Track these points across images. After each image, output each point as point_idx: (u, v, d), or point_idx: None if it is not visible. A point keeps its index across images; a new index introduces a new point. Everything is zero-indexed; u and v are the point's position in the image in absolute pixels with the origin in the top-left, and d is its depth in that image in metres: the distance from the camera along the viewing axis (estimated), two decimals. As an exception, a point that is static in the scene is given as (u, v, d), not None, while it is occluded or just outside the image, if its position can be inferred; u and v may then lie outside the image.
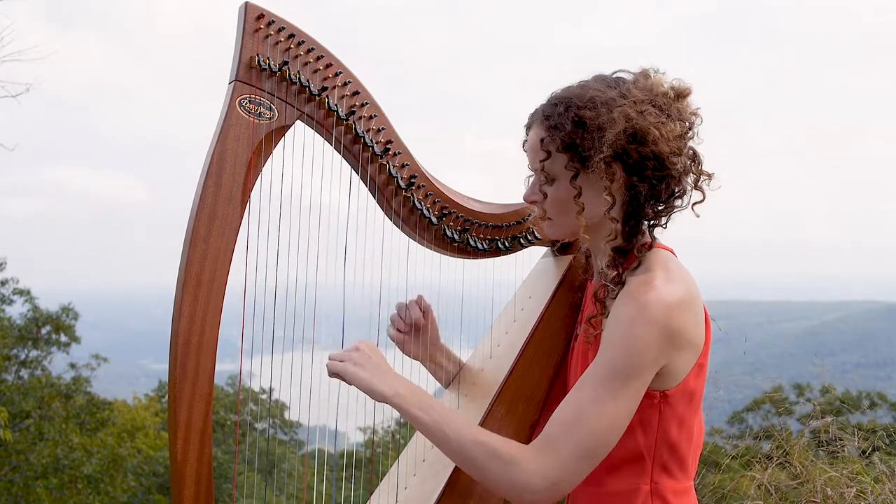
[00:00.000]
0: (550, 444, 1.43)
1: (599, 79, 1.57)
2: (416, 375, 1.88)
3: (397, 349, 1.91)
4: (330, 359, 1.57)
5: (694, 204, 1.55)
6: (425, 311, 1.92)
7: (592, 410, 1.42)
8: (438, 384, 1.96)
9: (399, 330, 1.93)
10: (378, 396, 1.51)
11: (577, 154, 1.52)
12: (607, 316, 1.51)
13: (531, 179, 1.68)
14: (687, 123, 1.52)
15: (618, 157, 1.49)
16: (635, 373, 1.42)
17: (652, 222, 1.55)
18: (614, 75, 1.58)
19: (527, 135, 1.64)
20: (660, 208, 1.54)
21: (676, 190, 1.53)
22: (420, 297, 1.92)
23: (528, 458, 1.43)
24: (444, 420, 1.48)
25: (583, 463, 1.42)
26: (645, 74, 1.54)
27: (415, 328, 1.93)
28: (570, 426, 1.43)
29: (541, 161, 1.57)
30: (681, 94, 1.53)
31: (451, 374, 1.94)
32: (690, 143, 1.54)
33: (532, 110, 1.62)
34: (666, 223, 1.56)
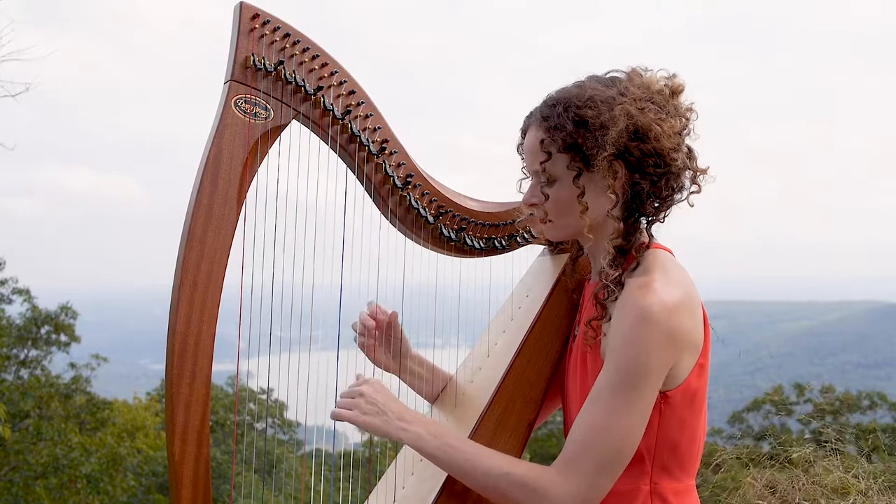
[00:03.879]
0: (572, 464, 1.44)
1: (594, 79, 1.57)
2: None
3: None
4: (338, 405, 1.57)
5: (690, 194, 1.56)
6: (392, 320, 1.87)
7: (608, 423, 1.43)
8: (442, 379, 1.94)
9: (364, 334, 1.88)
10: (396, 440, 1.54)
11: (580, 153, 1.51)
12: (608, 319, 1.51)
13: (523, 182, 1.68)
14: (684, 119, 1.53)
15: (620, 154, 1.49)
16: (643, 379, 1.42)
17: (651, 219, 1.55)
18: (608, 75, 1.57)
19: (523, 138, 1.63)
20: (658, 205, 1.54)
21: (675, 186, 1.54)
22: (394, 314, 1.86)
23: (554, 481, 1.44)
24: (465, 457, 1.50)
25: (607, 476, 1.44)
26: (637, 73, 1.54)
27: (386, 338, 1.89)
28: (588, 442, 1.44)
29: (541, 163, 1.56)
30: (675, 92, 1.54)
31: (426, 381, 1.93)
32: (686, 140, 1.54)
33: (527, 113, 1.62)
34: (664, 219, 1.56)
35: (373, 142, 1.74)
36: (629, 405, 1.42)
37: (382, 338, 1.89)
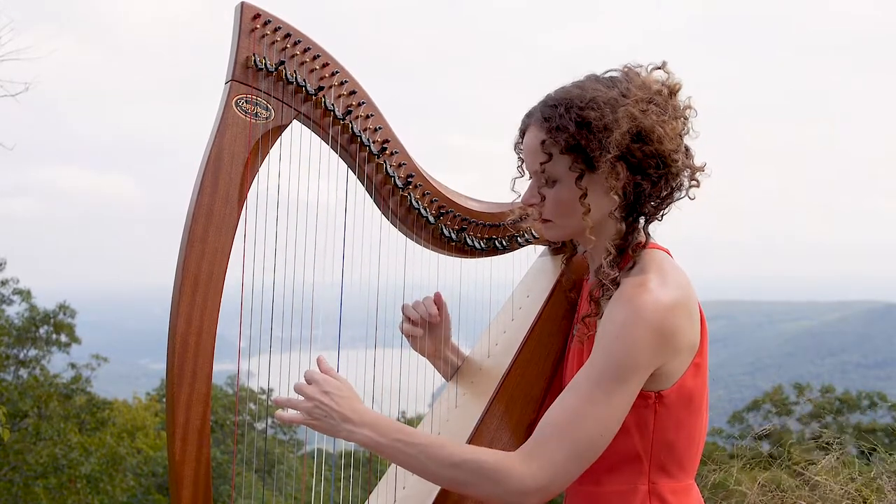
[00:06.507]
0: (541, 447, 1.43)
1: (594, 79, 1.56)
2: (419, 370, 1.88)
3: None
4: (286, 403, 1.54)
5: (689, 189, 1.55)
6: (440, 306, 1.89)
7: (585, 413, 1.42)
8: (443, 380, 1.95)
9: (412, 322, 1.90)
10: (349, 440, 1.52)
11: (583, 155, 1.51)
12: (601, 316, 1.51)
13: (517, 181, 1.68)
14: (683, 120, 1.53)
15: (622, 156, 1.48)
16: (628, 375, 1.42)
17: (649, 218, 1.55)
18: (606, 75, 1.57)
19: (521, 138, 1.62)
20: (656, 204, 1.54)
21: (674, 185, 1.54)
22: (437, 295, 1.90)
23: (516, 464, 1.42)
24: (417, 450, 1.46)
25: (574, 465, 1.42)
26: (634, 73, 1.54)
27: (427, 324, 1.90)
28: (562, 428, 1.43)
29: (542, 163, 1.55)
30: (673, 91, 1.53)
31: (458, 369, 1.94)
32: (685, 139, 1.54)
33: (526, 112, 1.61)
34: (662, 217, 1.56)
35: (374, 142, 1.74)
36: (610, 397, 1.41)
37: (430, 327, 1.89)
